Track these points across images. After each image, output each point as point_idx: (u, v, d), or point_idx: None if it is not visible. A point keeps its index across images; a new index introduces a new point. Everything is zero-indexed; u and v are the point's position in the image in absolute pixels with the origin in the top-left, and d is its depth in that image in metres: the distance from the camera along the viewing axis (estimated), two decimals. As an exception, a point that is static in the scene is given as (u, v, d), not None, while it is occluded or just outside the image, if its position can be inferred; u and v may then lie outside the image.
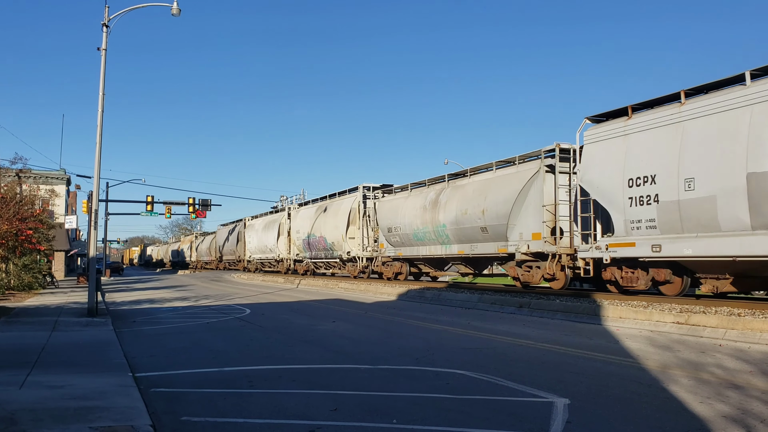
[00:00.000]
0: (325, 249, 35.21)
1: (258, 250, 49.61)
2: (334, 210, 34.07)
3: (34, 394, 6.75)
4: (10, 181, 27.71)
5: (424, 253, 25.52)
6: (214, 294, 28.25)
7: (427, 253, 25.26)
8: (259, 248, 48.86)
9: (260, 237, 48.20)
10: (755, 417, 5.95)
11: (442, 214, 23.09)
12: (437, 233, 23.72)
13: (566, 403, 6.52)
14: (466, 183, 22.87)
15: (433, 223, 23.79)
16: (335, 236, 33.14)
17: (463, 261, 23.93)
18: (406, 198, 26.82)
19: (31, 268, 28.80)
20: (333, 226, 33.44)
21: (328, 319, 16.07)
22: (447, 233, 23.07)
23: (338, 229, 32.67)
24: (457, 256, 23.41)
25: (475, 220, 21.25)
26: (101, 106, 17.71)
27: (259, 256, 49.83)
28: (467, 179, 23.04)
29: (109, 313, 17.77)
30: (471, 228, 21.56)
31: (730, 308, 12.62)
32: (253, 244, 50.87)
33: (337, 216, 33.10)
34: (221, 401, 6.84)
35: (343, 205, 33.16)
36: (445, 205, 23.11)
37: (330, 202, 35.71)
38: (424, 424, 5.77)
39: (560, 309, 15.68)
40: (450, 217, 22.64)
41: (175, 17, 18.54)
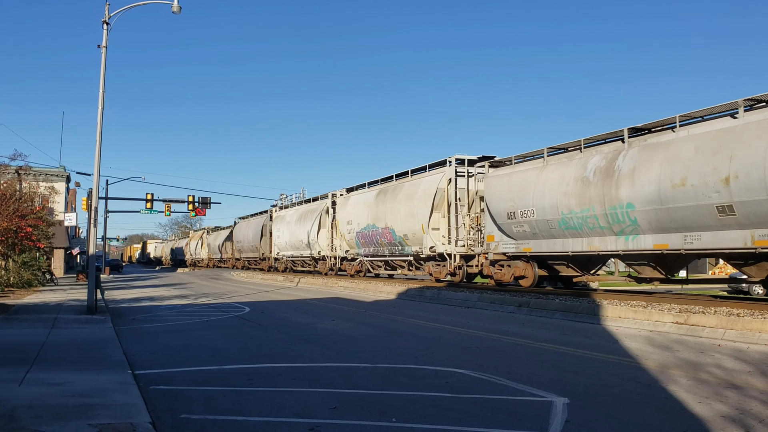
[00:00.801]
0: (392, 244, 28.22)
1: (290, 246, 41.99)
2: (408, 193, 26.79)
3: (33, 391, 6.76)
4: (9, 178, 27.70)
5: (575, 248, 17.85)
6: (214, 292, 28.26)
7: (582, 247, 17.65)
8: (292, 244, 41.33)
9: (293, 231, 40.60)
10: (754, 417, 5.96)
11: (626, 188, 15.57)
12: (612, 218, 16.21)
13: (565, 402, 6.53)
14: (673, 138, 14.97)
15: (604, 202, 16.28)
16: (410, 227, 25.95)
17: (653, 260, 16.56)
18: (541, 169, 19.14)
19: (30, 266, 28.80)
20: (407, 213, 26.26)
21: (328, 317, 16.08)
22: (634, 217, 15.59)
23: (416, 217, 25.39)
24: (649, 253, 15.97)
25: (706, 195, 13.68)
26: (101, 103, 17.70)
27: (290, 253, 42.46)
28: (673, 133, 15.09)
29: (109, 311, 17.76)
30: (693, 207, 14.06)
31: (729, 308, 12.63)
32: (282, 239, 43.05)
33: (414, 200, 25.89)
34: (221, 399, 6.85)
35: (423, 186, 25.71)
36: (631, 173, 15.53)
37: (399, 184, 28.54)
38: (423, 422, 5.78)
39: (559, 308, 15.68)
40: (644, 192, 15.08)
41: (175, 15, 18.53)
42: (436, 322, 14.61)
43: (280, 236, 43.21)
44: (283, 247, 43.23)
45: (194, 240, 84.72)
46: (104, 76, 17.96)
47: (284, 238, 42.37)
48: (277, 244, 44.17)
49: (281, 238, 43.17)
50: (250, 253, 52.15)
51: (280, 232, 43.20)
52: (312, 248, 38.04)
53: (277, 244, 44.19)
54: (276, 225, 44.76)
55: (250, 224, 52.20)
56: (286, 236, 42.07)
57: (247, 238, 52.47)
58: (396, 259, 28.30)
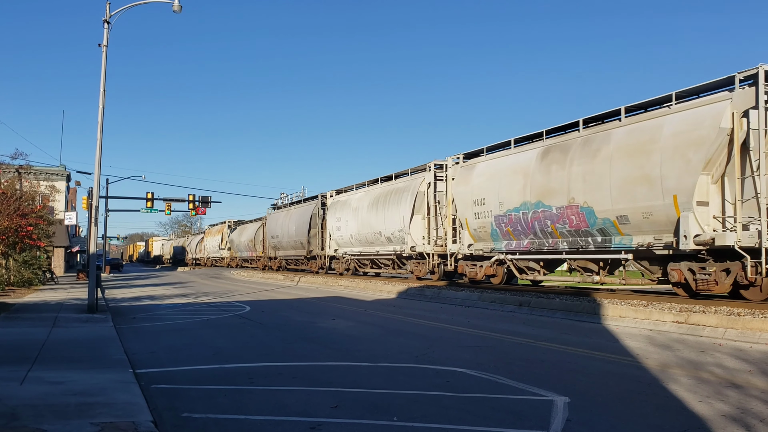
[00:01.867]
0: (580, 233, 17.34)
1: (358, 240, 31.79)
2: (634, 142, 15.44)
3: (34, 390, 6.76)
4: (10, 177, 27.71)
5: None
6: (214, 291, 28.27)
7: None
8: (361, 237, 31.26)
9: (364, 219, 30.72)
10: (755, 416, 5.96)
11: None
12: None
13: (566, 401, 6.53)
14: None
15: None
16: (645, 202, 14.97)
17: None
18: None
19: (31, 264, 28.81)
20: (626, 178, 15.48)
21: (328, 316, 16.09)
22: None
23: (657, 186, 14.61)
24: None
25: None
26: (102, 102, 17.70)
27: (357, 249, 32.42)
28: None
29: (109, 310, 17.78)
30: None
31: (729, 308, 12.63)
32: (346, 232, 33.00)
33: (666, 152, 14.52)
34: (222, 398, 6.86)
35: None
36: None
37: (591, 135, 17.16)
38: (424, 421, 5.79)
39: (560, 308, 15.69)
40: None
41: (176, 14, 18.52)
42: (437, 321, 14.62)
43: (343, 227, 33.26)
44: (346, 242, 33.39)
45: (211, 236, 73.25)
46: (105, 74, 17.97)
47: (349, 229, 32.56)
48: (336, 239, 34.49)
49: (343, 230, 33.27)
50: (291, 251, 42.74)
51: (343, 223, 33.27)
52: (394, 241, 27.94)
53: (335, 239, 34.61)
54: (334, 214, 34.53)
55: (292, 215, 42.48)
56: (351, 227, 32.26)
57: (287, 231, 42.72)
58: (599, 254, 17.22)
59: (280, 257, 46.34)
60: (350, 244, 33.18)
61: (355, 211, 31.90)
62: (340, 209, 34.19)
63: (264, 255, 50.39)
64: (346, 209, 33.37)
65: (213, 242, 71.89)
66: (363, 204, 31.17)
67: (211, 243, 72.53)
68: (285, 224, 43.47)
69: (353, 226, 31.95)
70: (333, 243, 35.28)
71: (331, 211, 35.48)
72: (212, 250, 72.28)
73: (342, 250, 34.51)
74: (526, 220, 19.23)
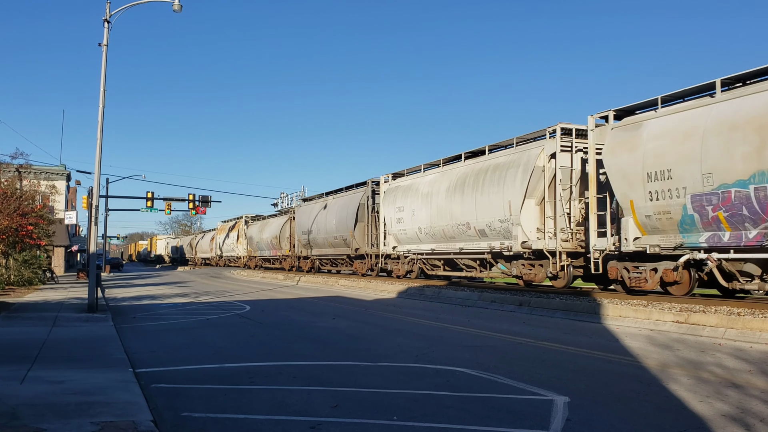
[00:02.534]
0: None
1: (428, 236, 24.84)
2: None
3: (35, 389, 6.77)
4: (10, 176, 27.72)
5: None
6: (214, 290, 28.27)
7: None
8: (435, 231, 24.16)
9: (441, 207, 23.59)
10: (755, 416, 5.96)
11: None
12: None
13: (566, 401, 6.53)
14: None
15: None
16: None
17: None
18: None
19: (31, 264, 28.82)
20: None
21: (328, 316, 16.09)
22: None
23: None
24: None
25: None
26: (102, 102, 17.71)
27: (428, 247, 25.12)
28: None
29: (109, 309, 17.80)
30: None
31: (729, 307, 12.63)
32: (412, 224, 25.78)
33: None
34: (222, 397, 6.86)
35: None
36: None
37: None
38: (424, 421, 5.79)
39: (560, 307, 15.69)
40: None
41: (176, 13, 18.52)
42: (437, 321, 14.62)
43: (406, 219, 26.19)
44: (411, 237, 26.12)
45: (225, 233, 65.43)
46: (105, 74, 17.97)
47: (417, 221, 25.27)
48: (396, 234, 27.33)
49: (408, 223, 26.09)
50: (329, 249, 35.65)
51: (406, 213, 26.20)
52: (496, 236, 20.59)
53: (394, 234, 27.54)
54: (393, 202, 27.50)
55: (331, 206, 34.98)
56: (421, 219, 24.92)
57: (323, 226, 35.32)
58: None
59: (313, 256, 38.62)
60: (416, 240, 25.75)
61: (427, 197, 24.57)
62: (402, 196, 26.74)
63: (292, 254, 43.01)
64: (411, 196, 25.92)
65: (226, 240, 64.30)
66: (439, 188, 23.84)
67: (225, 241, 64.91)
68: (321, 218, 35.91)
69: (423, 216, 24.59)
70: (391, 239, 27.90)
71: (387, 199, 28.14)
72: (225, 249, 64.92)
73: (404, 247, 27.05)
74: (762, 200, 12.51)
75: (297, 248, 41.59)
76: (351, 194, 33.24)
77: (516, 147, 20.59)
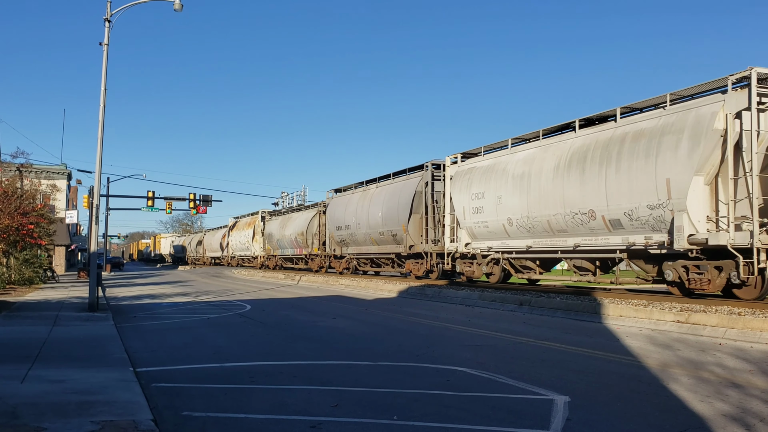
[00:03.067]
0: None
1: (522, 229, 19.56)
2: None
3: (35, 388, 6.78)
4: (11, 175, 27.73)
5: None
6: (215, 290, 28.28)
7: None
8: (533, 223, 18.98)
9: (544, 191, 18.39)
10: (755, 416, 5.96)
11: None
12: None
13: (566, 400, 6.53)
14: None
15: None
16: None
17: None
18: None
19: (32, 263, 28.85)
20: None
21: (329, 315, 16.10)
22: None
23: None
24: None
25: None
26: (103, 101, 17.72)
27: (520, 243, 19.95)
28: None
29: (110, 308, 17.82)
30: None
31: (730, 307, 12.63)
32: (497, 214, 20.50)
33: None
34: (222, 396, 6.86)
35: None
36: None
37: None
38: (424, 420, 5.79)
39: (560, 307, 15.69)
40: None
41: (177, 13, 18.51)
42: (437, 320, 14.62)
43: (487, 208, 20.82)
44: (496, 231, 20.66)
45: (239, 230, 59.05)
46: (106, 73, 17.98)
47: (505, 211, 19.93)
48: (472, 227, 21.83)
49: (490, 213, 20.70)
50: (372, 247, 30.09)
51: (488, 201, 20.73)
52: (640, 228, 15.54)
53: (469, 227, 22.02)
54: (467, 188, 21.96)
55: (375, 196, 29.75)
56: (513, 207, 19.56)
57: (365, 219, 30.07)
58: None
59: (350, 255, 33.20)
60: (502, 235, 20.39)
61: (521, 180, 19.17)
62: (481, 180, 21.29)
63: (321, 253, 37.79)
64: (495, 179, 20.52)
65: (240, 237, 58.10)
66: (540, 167, 18.48)
67: (238, 238, 58.89)
68: (362, 210, 30.45)
69: (515, 204, 19.35)
70: (463, 234, 22.48)
71: (458, 184, 22.53)
72: (238, 247, 59.12)
73: (482, 244, 21.62)
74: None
75: (328, 246, 35.62)
76: (403, 181, 27.96)
77: (671, 106, 15.32)
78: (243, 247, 57.39)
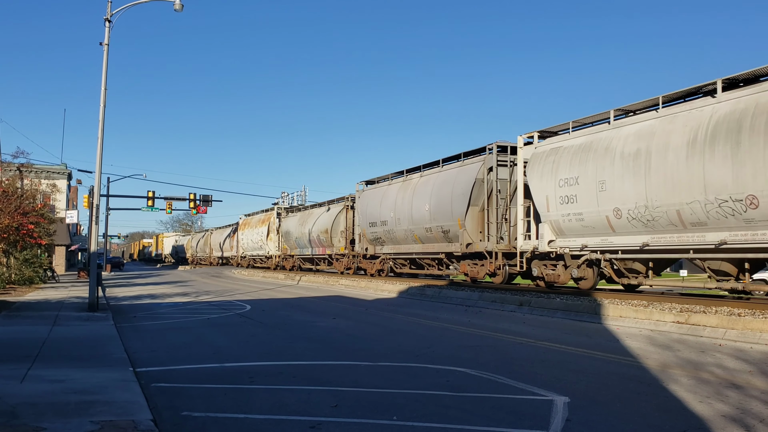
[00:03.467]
0: None
1: (665, 222, 14.58)
2: None
3: (35, 388, 6.78)
4: (11, 175, 27.75)
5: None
6: (215, 290, 28.29)
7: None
8: (662, 211, 14.51)
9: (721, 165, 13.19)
10: (755, 416, 5.96)
11: None
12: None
13: (566, 401, 6.53)
14: None
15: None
16: None
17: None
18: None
19: (32, 263, 28.84)
20: None
21: (329, 315, 16.10)
22: None
23: None
24: None
25: None
26: (103, 101, 17.73)
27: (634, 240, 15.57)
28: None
29: (110, 308, 17.83)
30: None
31: (730, 308, 12.63)
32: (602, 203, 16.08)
33: None
34: (222, 397, 6.86)
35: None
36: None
37: None
38: (424, 421, 5.79)
39: (560, 307, 15.68)
40: None
41: (177, 13, 18.51)
42: (437, 321, 14.62)
43: (583, 196, 16.76)
44: (595, 225, 16.56)
45: (251, 228, 54.07)
46: (106, 73, 17.99)
47: (610, 199, 15.98)
48: (559, 220, 17.66)
49: (588, 203, 16.64)
50: (415, 246, 26.08)
51: (584, 188, 16.72)
52: None
53: (554, 221, 17.84)
54: (553, 172, 17.77)
55: (419, 187, 25.66)
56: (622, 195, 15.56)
57: (409, 213, 25.90)
58: None
59: (385, 256, 29.32)
60: (603, 230, 16.28)
61: (633, 159, 15.19)
62: (570, 162, 17.10)
63: (349, 252, 34.31)
64: (592, 159, 16.35)
65: (252, 236, 53.20)
66: (666, 143, 14.52)
67: (250, 237, 53.95)
68: (402, 203, 26.53)
69: (625, 191, 15.35)
70: (545, 229, 18.09)
71: (539, 168, 18.26)
72: (250, 246, 54.23)
73: (570, 241, 17.49)
74: None
75: (359, 245, 31.64)
76: (457, 168, 23.49)
77: None
78: (255, 247, 52.74)
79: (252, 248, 53.74)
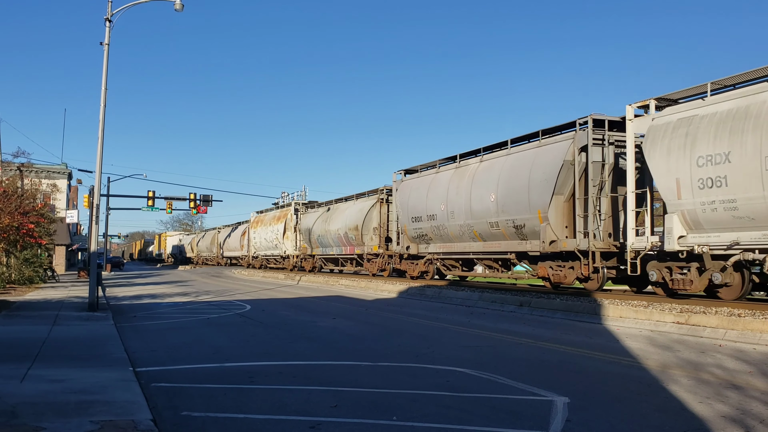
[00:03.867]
0: None
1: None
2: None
3: (35, 388, 6.78)
4: (12, 175, 27.77)
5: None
6: (215, 290, 28.29)
7: None
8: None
9: None
10: (754, 417, 5.96)
11: None
12: None
13: (566, 401, 6.53)
14: None
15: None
16: None
17: None
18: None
19: (32, 262, 28.86)
20: None
21: (329, 315, 16.10)
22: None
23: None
24: None
25: None
26: (103, 101, 17.73)
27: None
28: None
29: (110, 308, 17.83)
30: None
31: (730, 309, 12.61)
32: None
33: None
34: (222, 397, 6.86)
35: None
36: None
37: None
38: (423, 421, 5.79)
39: (560, 308, 15.69)
40: None
41: (177, 13, 18.51)
42: (437, 321, 14.62)
43: (734, 178, 12.66)
44: (758, 216, 12.40)
45: (264, 225, 49.40)
46: (106, 73, 17.99)
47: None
48: (696, 210, 13.54)
49: (749, 185, 12.39)
50: (473, 244, 21.90)
51: (737, 167, 12.58)
52: None
53: (688, 211, 13.73)
54: (686, 148, 13.61)
55: (481, 174, 21.26)
56: None
57: (467, 206, 21.64)
58: None
59: (431, 255, 25.11)
60: (766, 222, 12.53)
61: None
62: (714, 135, 13.19)
63: (384, 252, 29.97)
64: (751, 129, 12.50)
65: (266, 234, 48.57)
66: None
67: (263, 235, 49.26)
68: (457, 193, 22.18)
69: None
70: (674, 222, 14.07)
71: (663, 144, 14.29)
72: (263, 245, 49.70)
73: (717, 237, 13.47)
74: None
75: (398, 243, 27.77)
76: (535, 148, 19.20)
77: None
78: (270, 246, 47.89)
79: (266, 247, 49.26)
